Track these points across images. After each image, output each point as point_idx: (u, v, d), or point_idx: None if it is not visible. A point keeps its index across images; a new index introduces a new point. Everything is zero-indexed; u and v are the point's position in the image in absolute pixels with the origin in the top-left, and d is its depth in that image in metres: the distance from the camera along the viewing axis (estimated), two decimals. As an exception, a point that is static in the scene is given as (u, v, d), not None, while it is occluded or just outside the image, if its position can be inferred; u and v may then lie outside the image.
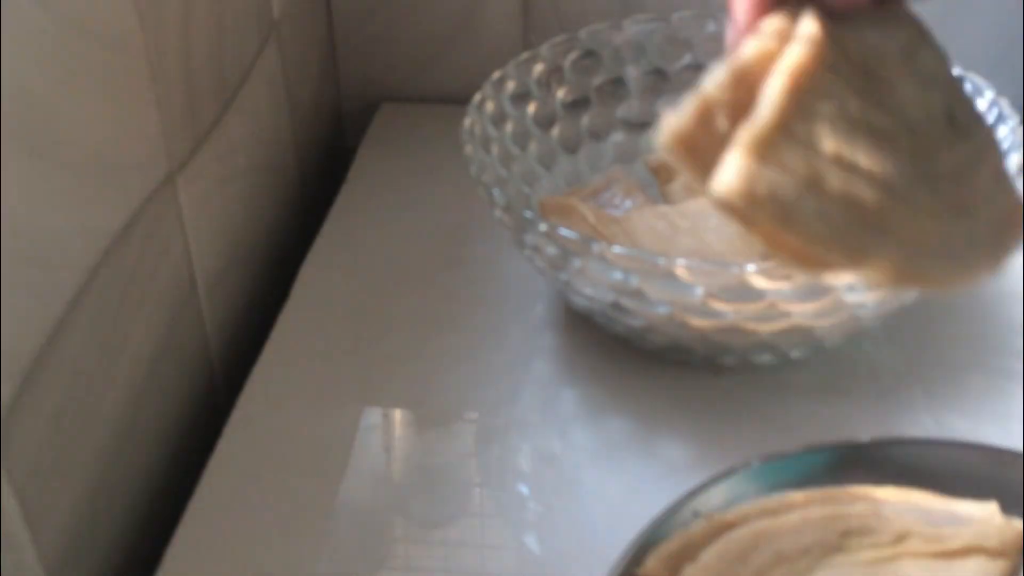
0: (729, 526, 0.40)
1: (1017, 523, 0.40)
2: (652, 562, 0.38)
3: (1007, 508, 0.41)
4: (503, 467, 0.49)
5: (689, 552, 0.39)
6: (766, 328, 0.47)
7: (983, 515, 0.40)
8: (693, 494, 0.40)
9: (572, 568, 0.44)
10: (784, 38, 0.29)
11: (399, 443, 0.51)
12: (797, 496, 0.41)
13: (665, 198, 0.59)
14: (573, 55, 0.60)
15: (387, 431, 0.51)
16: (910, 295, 0.48)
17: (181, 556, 0.45)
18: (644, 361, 0.53)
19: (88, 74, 0.41)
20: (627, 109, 0.61)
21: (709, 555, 0.39)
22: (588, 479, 0.48)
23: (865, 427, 0.47)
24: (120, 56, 0.44)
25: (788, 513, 0.40)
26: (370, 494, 0.48)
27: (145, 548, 0.47)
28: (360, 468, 0.49)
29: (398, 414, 0.52)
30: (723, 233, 0.53)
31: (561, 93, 0.60)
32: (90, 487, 0.44)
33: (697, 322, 0.48)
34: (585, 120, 0.60)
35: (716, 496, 0.41)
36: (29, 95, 0.37)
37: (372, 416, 0.51)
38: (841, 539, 0.40)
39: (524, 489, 0.48)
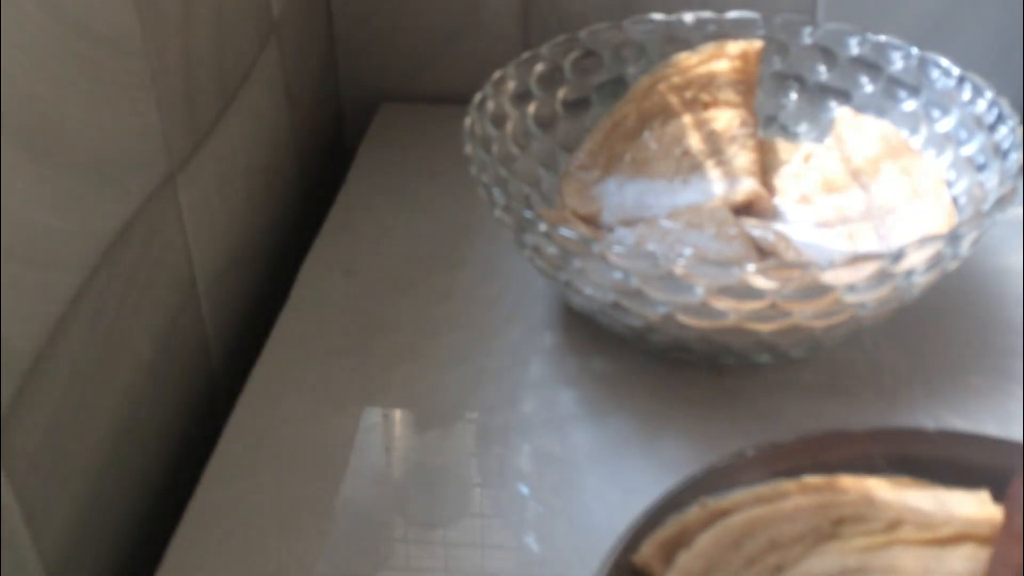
0: (723, 513, 0.40)
1: None
2: (647, 548, 0.39)
3: (998, 496, 0.41)
4: (503, 467, 0.49)
5: (683, 538, 0.39)
6: (766, 328, 0.47)
7: (975, 503, 0.41)
8: (688, 481, 0.41)
9: (572, 568, 0.44)
10: None
11: (399, 443, 0.51)
12: (791, 484, 0.41)
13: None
14: (573, 55, 0.60)
15: (387, 431, 0.51)
16: (910, 295, 0.48)
17: (181, 556, 0.45)
18: (644, 361, 0.53)
19: (88, 74, 0.41)
20: (627, 109, 0.61)
21: (703, 541, 0.39)
22: (588, 479, 0.48)
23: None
24: (120, 56, 0.44)
25: (782, 500, 0.41)
26: (370, 494, 0.48)
27: (145, 548, 0.47)
28: (360, 468, 0.49)
29: (398, 414, 0.52)
30: (723, 242, 0.53)
31: (561, 93, 0.60)
32: (90, 487, 0.44)
33: (697, 322, 0.48)
34: (585, 120, 0.60)
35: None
36: (29, 95, 0.37)
37: (372, 416, 0.51)
38: (834, 526, 0.40)
39: (524, 489, 0.48)
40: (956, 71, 0.56)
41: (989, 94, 0.54)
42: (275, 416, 0.51)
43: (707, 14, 0.61)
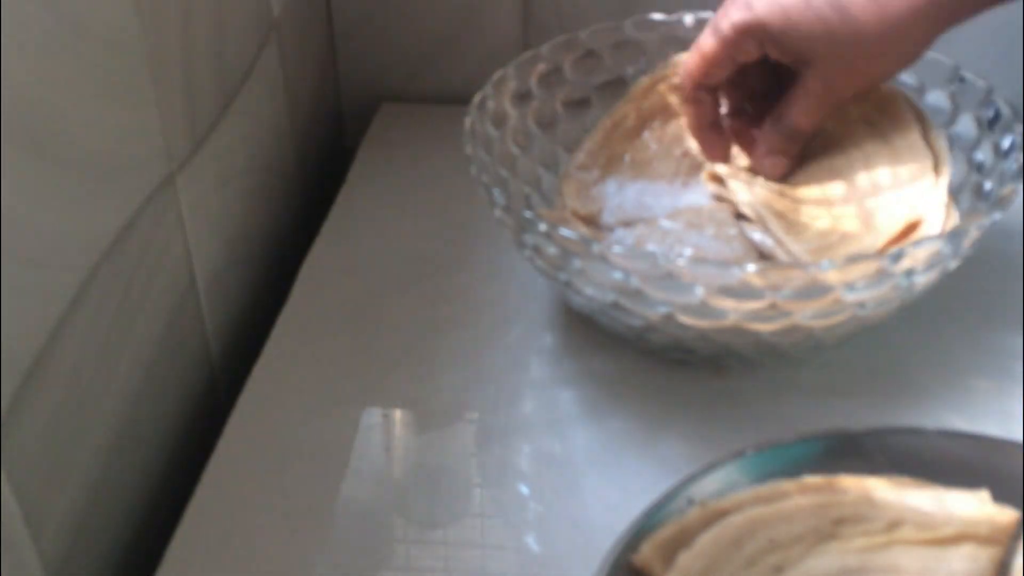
0: (723, 513, 0.40)
1: (1008, 511, 0.41)
2: (647, 548, 0.39)
3: (998, 496, 0.41)
4: (503, 467, 0.49)
5: (683, 538, 0.39)
6: (766, 328, 0.47)
7: (974, 503, 0.41)
8: (688, 481, 0.41)
9: (572, 568, 0.44)
10: None
11: (399, 443, 0.51)
12: (791, 484, 0.41)
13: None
14: (573, 55, 0.60)
15: (387, 431, 0.51)
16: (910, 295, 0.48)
17: (181, 556, 0.45)
18: (644, 361, 0.53)
19: (88, 74, 0.41)
20: (627, 109, 0.61)
21: (703, 541, 0.39)
22: (588, 479, 0.48)
23: (865, 427, 0.48)
24: (120, 56, 0.44)
25: (782, 501, 0.41)
26: (370, 494, 0.48)
27: (145, 548, 0.47)
28: (360, 468, 0.49)
29: (398, 414, 0.52)
30: (723, 242, 0.53)
31: (561, 93, 0.60)
32: (90, 487, 0.44)
33: (697, 322, 0.48)
34: (585, 120, 0.60)
35: (710, 484, 0.41)
36: (29, 95, 0.37)
37: (372, 416, 0.51)
38: (834, 526, 0.40)
39: (524, 489, 0.48)
40: (956, 71, 0.56)
41: (989, 94, 0.54)
42: (275, 416, 0.51)
43: (707, 14, 0.60)
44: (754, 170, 0.56)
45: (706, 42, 0.53)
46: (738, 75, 0.55)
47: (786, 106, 0.53)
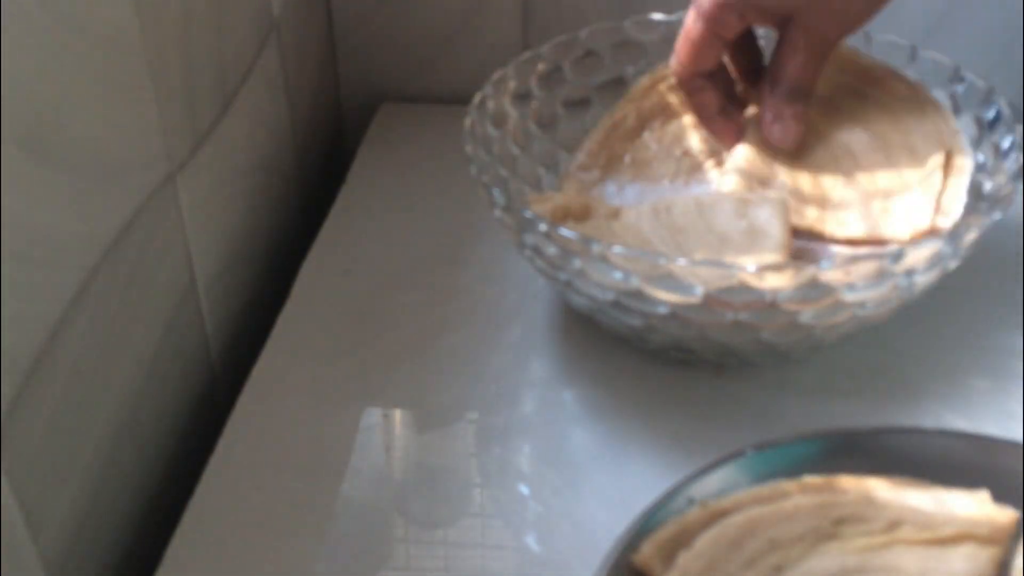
0: (723, 513, 0.40)
1: (1008, 511, 0.41)
2: (647, 548, 0.39)
3: (998, 496, 0.41)
4: (503, 467, 0.49)
5: (683, 538, 0.39)
6: (766, 328, 0.47)
7: (975, 503, 0.41)
8: (688, 481, 0.41)
9: (572, 568, 0.44)
10: None
11: (399, 443, 0.51)
12: (791, 484, 0.41)
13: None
14: (573, 55, 0.60)
15: (387, 431, 0.51)
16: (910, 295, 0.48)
17: (181, 556, 0.45)
18: (644, 361, 0.53)
19: (88, 74, 0.41)
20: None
21: (703, 541, 0.39)
22: (588, 479, 0.48)
23: (865, 427, 0.48)
24: (120, 56, 0.44)
25: (782, 500, 0.41)
26: (370, 494, 0.48)
27: (145, 548, 0.47)
28: (360, 468, 0.49)
29: (398, 414, 0.52)
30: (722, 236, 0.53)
31: (561, 93, 0.60)
32: (90, 487, 0.44)
33: (697, 322, 0.48)
34: (585, 120, 0.60)
35: (711, 483, 0.41)
36: (29, 95, 0.37)
37: (372, 416, 0.51)
38: (834, 526, 0.40)
39: (524, 489, 0.48)
40: (956, 71, 0.56)
41: (989, 94, 0.54)
42: (275, 416, 0.51)
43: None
44: (768, 143, 0.56)
45: (690, 26, 0.54)
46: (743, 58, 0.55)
47: (777, 67, 0.54)
